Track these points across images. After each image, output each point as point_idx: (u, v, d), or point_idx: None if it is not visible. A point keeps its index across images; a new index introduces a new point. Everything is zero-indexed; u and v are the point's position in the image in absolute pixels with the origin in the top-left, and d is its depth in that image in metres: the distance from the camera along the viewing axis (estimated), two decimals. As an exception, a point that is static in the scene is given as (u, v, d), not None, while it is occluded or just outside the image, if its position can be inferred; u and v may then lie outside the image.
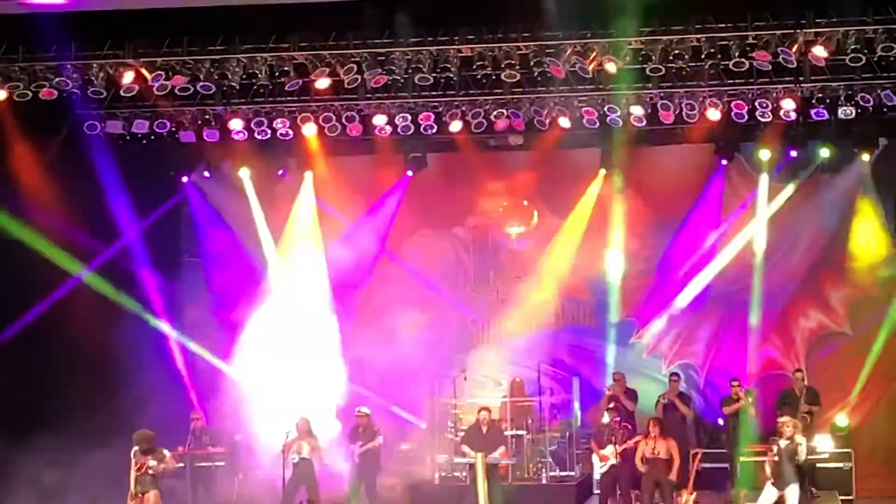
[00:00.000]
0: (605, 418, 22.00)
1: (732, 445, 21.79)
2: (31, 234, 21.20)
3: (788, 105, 21.11)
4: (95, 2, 17.36)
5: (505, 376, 24.99)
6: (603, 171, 24.38)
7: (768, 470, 18.23)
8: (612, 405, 22.00)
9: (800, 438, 18.08)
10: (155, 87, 20.51)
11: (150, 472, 18.21)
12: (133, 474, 18.21)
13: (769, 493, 17.99)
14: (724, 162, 24.32)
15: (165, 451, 18.38)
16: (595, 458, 21.36)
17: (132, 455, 18.17)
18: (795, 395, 22.22)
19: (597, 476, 21.81)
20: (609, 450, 20.95)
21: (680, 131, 22.99)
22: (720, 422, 23.40)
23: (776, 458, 18.04)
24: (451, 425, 23.13)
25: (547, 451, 22.73)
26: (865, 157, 23.58)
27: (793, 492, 17.84)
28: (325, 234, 25.38)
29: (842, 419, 23.02)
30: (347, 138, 22.43)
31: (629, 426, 21.47)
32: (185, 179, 25.19)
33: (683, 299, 25.00)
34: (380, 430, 21.70)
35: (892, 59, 19.77)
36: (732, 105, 21.31)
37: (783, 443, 17.99)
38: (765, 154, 23.83)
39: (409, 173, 24.88)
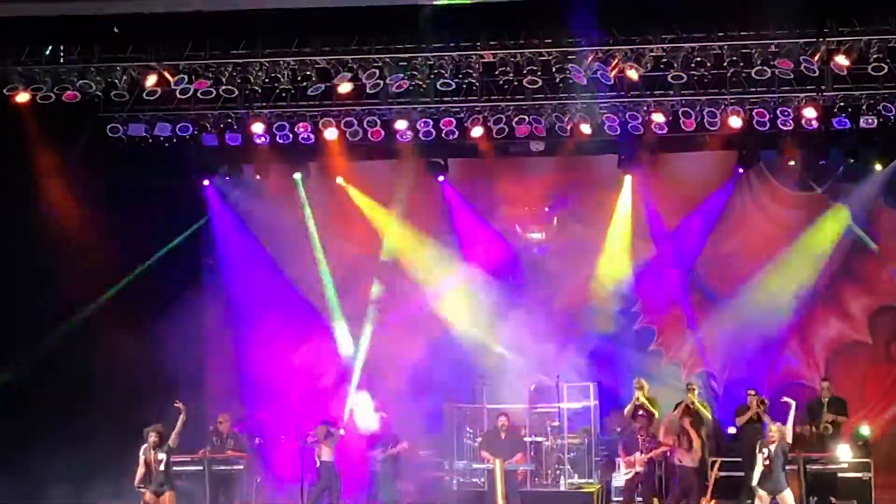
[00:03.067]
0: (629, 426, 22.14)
1: (747, 454, 21.71)
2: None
3: (810, 114, 21.11)
4: (119, 5, 17.41)
5: (524, 383, 24.95)
6: (624, 178, 24.38)
7: (758, 475, 18.29)
8: (641, 413, 22.02)
9: (786, 447, 18.23)
10: (177, 90, 20.57)
11: (162, 467, 18.30)
12: (141, 470, 18.32)
13: (762, 498, 18.07)
14: (741, 171, 24.32)
15: (161, 454, 18.45)
16: (621, 463, 21.40)
17: (142, 451, 18.29)
18: (821, 404, 22.17)
19: (618, 483, 21.87)
20: (636, 456, 21.01)
21: (701, 139, 22.98)
22: (731, 430, 23.44)
23: (767, 463, 18.13)
24: (469, 431, 23.12)
25: (566, 457, 22.70)
26: (878, 166, 23.54)
27: (789, 496, 17.97)
28: (344, 238, 25.39)
29: (862, 429, 22.92)
30: (369, 143, 22.48)
31: (655, 436, 21.47)
32: (206, 182, 25.17)
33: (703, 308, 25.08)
34: (400, 436, 21.80)
35: (914, 68, 19.79)
36: (754, 113, 21.33)
37: (773, 447, 18.06)
38: (790, 163, 23.91)
39: (441, 178, 24.80)
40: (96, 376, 22.20)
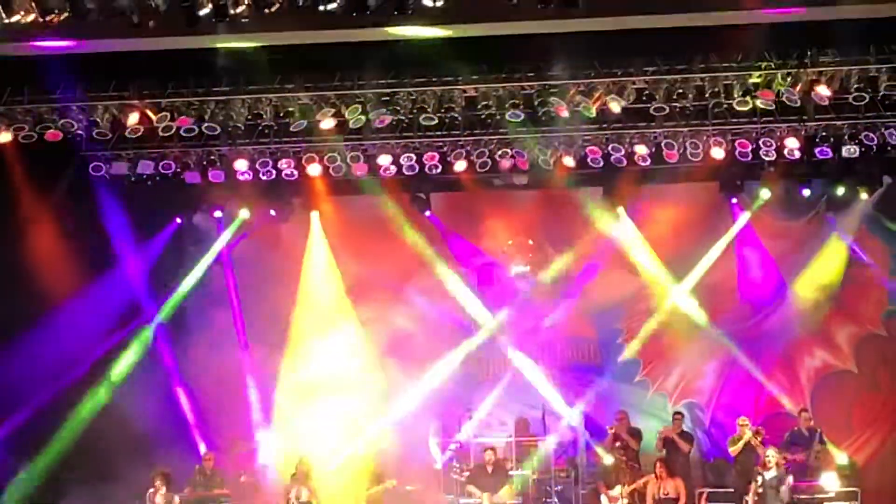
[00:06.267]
0: (607, 459, 22.13)
1: (741, 484, 21.67)
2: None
3: (792, 144, 21.19)
4: (100, 44, 17.34)
5: (510, 415, 24.93)
6: (608, 210, 24.38)
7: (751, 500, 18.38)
8: (617, 444, 22.03)
9: (785, 474, 18.26)
10: (160, 127, 20.52)
11: None
12: None
13: None
14: (734, 201, 24.26)
15: (176, 498, 18.47)
16: (604, 499, 21.35)
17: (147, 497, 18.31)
18: (804, 434, 22.16)
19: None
20: (617, 490, 20.95)
21: (684, 170, 23.01)
22: (712, 460, 23.45)
23: (760, 491, 18.18)
24: (456, 465, 23.06)
25: (553, 490, 22.64)
26: (864, 195, 23.52)
27: None
28: (328, 273, 25.31)
29: (839, 458, 22.87)
30: (352, 178, 22.48)
31: (636, 466, 21.45)
32: (178, 220, 25.04)
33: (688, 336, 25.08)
34: (385, 474, 21.74)
35: (895, 97, 19.83)
36: (736, 144, 21.36)
37: (768, 475, 18.08)
38: (765, 193, 23.87)
39: (427, 213, 24.74)
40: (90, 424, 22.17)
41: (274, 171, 22.14)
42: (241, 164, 22.01)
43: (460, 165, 22.04)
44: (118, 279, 23.22)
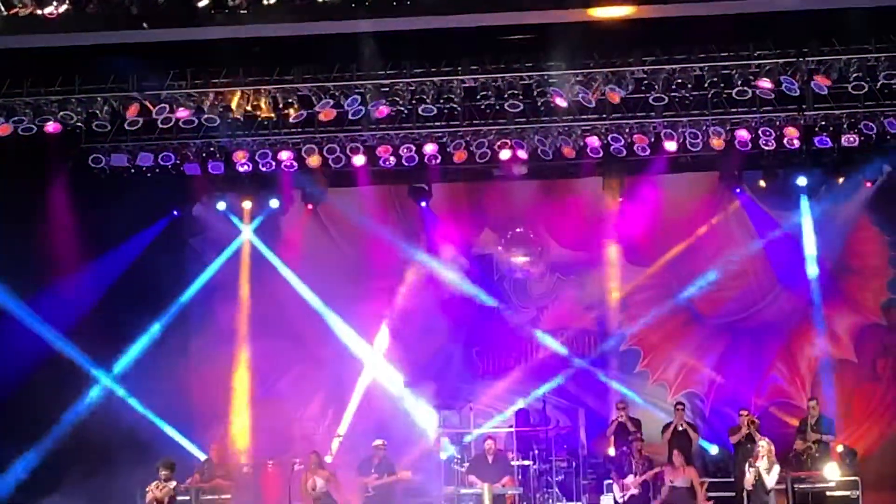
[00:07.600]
0: (611, 450, 22.17)
1: (740, 474, 21.69)
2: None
3: (792, 133, 21.18)
4: (99, 36, 17.34)
5: (510, 406, 24.93)
6: (608, 200, 24.38)
7: (746, 493, 18.46)
8: (637, 437, 22.05)
9: (774, 462, 18.34)
10: (159, 119, 20.51)
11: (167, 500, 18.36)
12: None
13: None
14: (738, 191, 24.25)
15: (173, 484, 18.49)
16: (615, 486, 21.39)
17: (153, 486, 18.29)
18: (807, 423, 22.17)
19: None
20: (630, 479, 21.02)
21: (684, 160, 23.01)
22: (713, 451, 23.44)
23: (754, 481, 18.27)
24: (456, 455, 23.07)
25: (553, 480, 22.65)
26: (867, 184, 23.55)
27: None
28: (328, 265, 25.32)
29: (849, 447, 22.90)
30: (351, 169, 22.48)
31: (640, 456, 21.47)
32: (175, 213, 25.05)
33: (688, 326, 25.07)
34: (395, 465, 21.75)
35: (894, 87, 19.85)
36: (736, 133, 21.37)
37: (760, 464, 18.15)
38: (765, 182, 23.86)
39: (423, 204, 24.79)
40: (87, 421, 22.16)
41: (273, 163, 22.14)
42: (240, 156, 22.03)
43: (460, 156, 22.04)
44: (114, 271, 23.23)
